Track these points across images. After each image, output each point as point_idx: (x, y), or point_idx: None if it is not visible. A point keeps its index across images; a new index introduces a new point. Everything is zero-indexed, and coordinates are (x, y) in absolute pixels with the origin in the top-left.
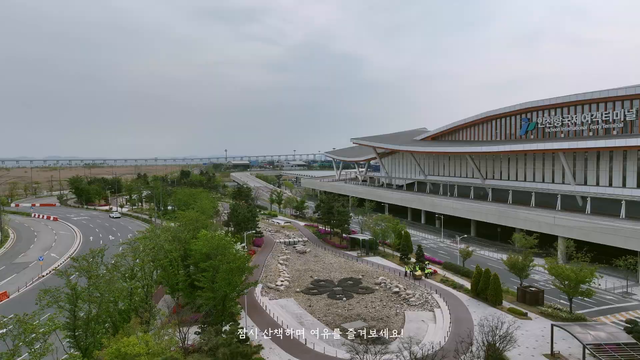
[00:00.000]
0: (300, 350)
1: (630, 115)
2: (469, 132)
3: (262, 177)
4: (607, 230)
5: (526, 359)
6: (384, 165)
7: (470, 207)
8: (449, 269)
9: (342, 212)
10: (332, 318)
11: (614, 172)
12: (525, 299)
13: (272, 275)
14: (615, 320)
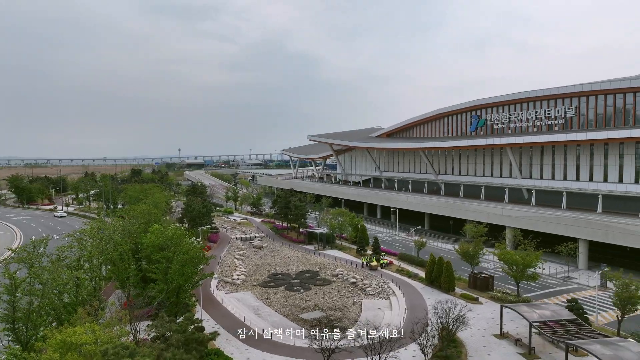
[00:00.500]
0: (258, 341)
1: (570, 112)
2: (422, 129)
3: (218, 176)
4: (550, 220)
5: (477, 340)
6: (340, 162)
7: (424, 200)
8: (404, 260)
9: (299, 207)
10: (289, 309)
11: (556, 166)
12: (477, 285)
13: (228, 270)
14: (558, 301)
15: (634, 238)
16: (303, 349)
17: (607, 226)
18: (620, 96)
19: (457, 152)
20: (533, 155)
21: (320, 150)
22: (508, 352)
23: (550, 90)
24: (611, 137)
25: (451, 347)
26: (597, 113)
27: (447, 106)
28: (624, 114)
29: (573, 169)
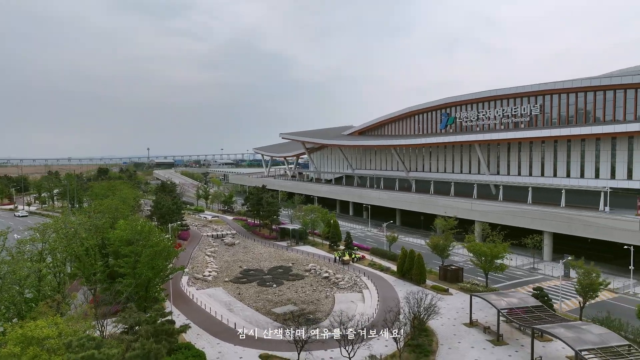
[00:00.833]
0: (230, 335)
1: (536, 110)
2: (394, 127)
3: (188, 175)
4: (516, 213)
5: (448, 328)
6: (313, 160)
7: (396, 197)
8: (376, 254)
9: (271, 203)
10: (262, 304)
11: (522, 162)
12: (447, 277)
13: (199, 267)
14: (525, 291)
15: (594, 229)
16: (277, 341)
17: (570, 219)
18: (582, 95)
19: (427, 149)
20: (500, 152)
21: (293, 148)
22: (477, 339)
23: (517, 89)
24: (573, 133)
25: (423, 336)
26: (561, 111)
27: (418, 104)
28: (585, 112)
29: (538, 165)
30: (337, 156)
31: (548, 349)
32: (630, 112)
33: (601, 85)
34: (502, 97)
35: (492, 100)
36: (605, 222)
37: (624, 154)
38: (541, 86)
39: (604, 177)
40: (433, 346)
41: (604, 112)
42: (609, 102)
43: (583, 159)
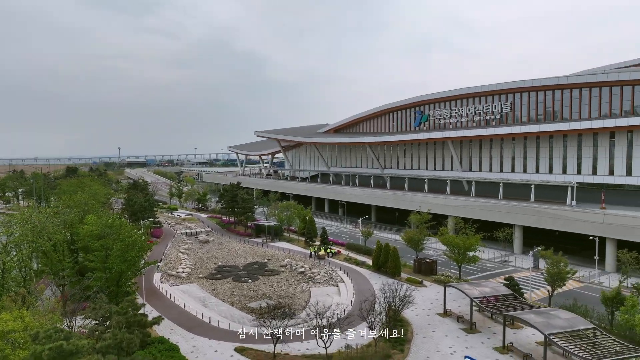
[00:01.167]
0: (205, 329)
1: (506, 107)
2: (369, 124)
3: (161, 174)
4: (488, 208)
5: (422, 318)
6: (288, 158)
7: (371, 193)
8: (351, 249)
9: (246, 200)
10: (237, 299)
11: (494, 159)
12: (421, 270)
13: (172, 264)
14: (496, 282)
15: (562, 222)
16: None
17: (539, 212)
18: (550, 93)
19: (402, 147)
20: (473, 149)
21: (268, 146)
22: (451, 328)
23: (489, 87)
24: (542, 130)
25: (398, 326)
26: (530, 109)
27: (392, 102)
28: (552, 110)
29: (509, 162)
30: (312, 154)
31: (519, 335)
32: (595, 110)
33: (568, 84)
34: (474, 95)
35: (464, 98)
36: (572, 215)
37: (589, 150)
38: (511, 84)
39: (570, 173)
40: (408, 335)
41: (570, 110)
42: (575, 100)
43: (551, 155)
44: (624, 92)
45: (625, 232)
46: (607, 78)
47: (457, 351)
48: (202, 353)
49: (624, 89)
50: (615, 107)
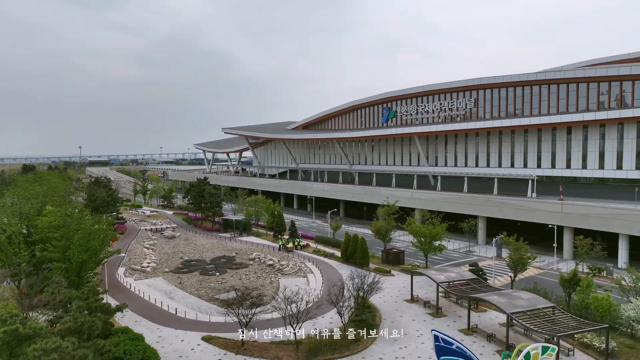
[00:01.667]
0: (171, 320)
1: (470, 104)
2: (337, 121)
3: (125, 172)
4: (453, 200)
5: (390, 305)
6: (256, 155)
7: (339, 188)
8: (320, 242)
9: (213, 194)
10: (204, 292)
11: (459, 153)
12: (389, 260)
13: (137, 258)
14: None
15: (523, 212)
16: (220, 323)
17: (502, 203)
18: (512, 90)
19: (370, 143)
20: (438, 144)
21: (236, 144)
22: (418, 313)
23: (454, 84)
24: (504, 125)
25: (366, 312)
26: (493, 105)
27: (360, 98)
28: (514, 106)
29: (473, 157)
30: (281, 151)
31: (483, 318)
32: (553, 106)
33: (529, 81)
34: (440, 91)
35: (430, 95)
36: (532, 206)
37: (548, 145)
38: (475, 81)
39: (531, 167)
40: (376, 320)
41: (531, 106)
42: (535, 97)
43: (513, 150)
44: (579, 89)
45: (580, 220)
46: (564, 75)
47: (423, 334)
48: (168, 343)
49: (579, 85)
50: (572, 104)
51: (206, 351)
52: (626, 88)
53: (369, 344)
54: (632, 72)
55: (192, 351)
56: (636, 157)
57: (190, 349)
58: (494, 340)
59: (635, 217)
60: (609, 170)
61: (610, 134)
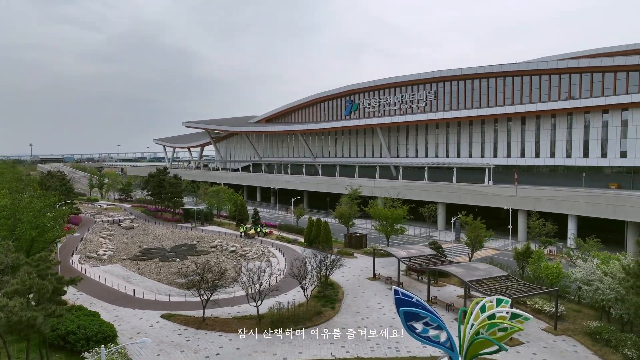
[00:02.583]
0: (129, 301)
1: (431, 96)
2: (300, 114)
3: (81, 168)
4: (414, 187)
5: (353, 282)
6: (219, 149)
7: (303, 179)
8: (284, 230)
9: (174, 184)
10: (164, 276)
11: (419, 145)
12: (352, 244)
13: (93, 247)
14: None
15: (480, 197)
16: (180, 302)
17: (460, 189)
18: (470, 82)
19: (333, 136)
20: (400, 136)
21: (198, 139)
22: (380, 289)
23: (414, 76)
24: (462, 116)
25: (329, 289)
26: (452, 97)
27: (323, 91)
28: (472, 97)
29: (433, 147)
30: (244, 145)
31: (442, 291)
32: (509, 97)
33: (485, 73)
34: (401, 84)
35: (392, 87)
36: (489, 191)
37: (504, 135)
38: (435, 74)
39: (488, 156)
40: (339, 296)
41: (487, 97)
42: (492, 89)
43: (471, 140)
44: (532, 81)
45: (534, 203)
46: (518, 68)
47: (385, 306)
48: (126, 321)
49: (532, 78)
50: (525, 95)
51: (165, 327)
52: (574, 81)
53: (332, 316)
54: (579, 64)
55: (151, 328)
56: (584, 145)
57: (149, 325)
58: (453, 309)
59: (582, 199)
60: (560, 159)
61: (560, 124)
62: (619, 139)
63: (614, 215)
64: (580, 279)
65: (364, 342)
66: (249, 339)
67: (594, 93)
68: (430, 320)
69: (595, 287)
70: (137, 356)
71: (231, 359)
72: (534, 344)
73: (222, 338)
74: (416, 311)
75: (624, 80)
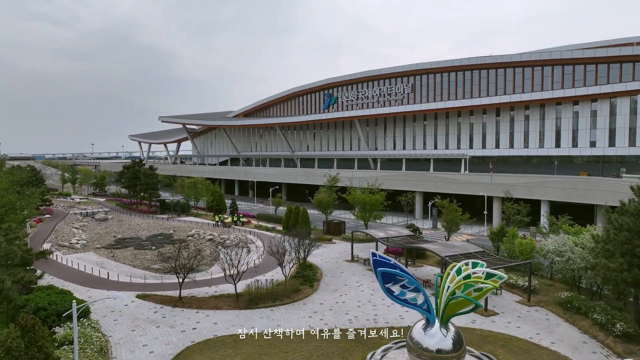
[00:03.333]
0: (102, 283)
1: (408, 89)
2: (278, 108)
3: (53, 165)
4: (392, 177)
5: (331, 264)
6: (196, 145)
7: (281, 171)
8: (262, 219)
9: (149, 175)
10: (140, 262)
11: (397, 137)
12: (330, 230)
13: (65, 236)
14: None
15: (457, 186)
16: (156, 284)
17: (437, 178)
18: (446, 75)
19: (311, 129)
20: (378, 129)
21: (174, 134)
22: (358, 269)
23: (393, 69)
24: (439, 107)
25: (308, 270)
26: (429, 89)
27: (302, 85)
28: (448, 89)
29: (411, 140)
30: (221, 140)
31: (419, 271)
32: (484, 90)
33: (461, 66)
34: (379, 77)
35: (370, 81)
36: (465, 179)
37: (479, 126)
38: (412, 67)
39: (464, 148)
40: (317, 276)
41: (463, 89)
42: (467, 81)
43: (448, 132)
44: (507, 74)
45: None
46: (494, 60)
47: (363, 284)
48: (100, 302)
49: (507, 70)
50: (500, 87)
51: (141, 306)
52: (547, 73)
53: (310, 294)
54: (551, 57)
55: (126, 307)
56: (555, 136)
57: (124, 305)
58: (429, 285)
59: (554, 184)
60: (533, 149)
61: (534, 115)
62: (589, 129)
63: (585, 200)
64: (552, 250)
65: (342, 316)
66: (227, 314)
67: (565, 85)
68: (407, 283)
69: (566, 258)
70: (111, 331)
71: (208, 331)
72: (508, 314)
73: (199, 314)
74: (393, 272)
75: (593, 73)
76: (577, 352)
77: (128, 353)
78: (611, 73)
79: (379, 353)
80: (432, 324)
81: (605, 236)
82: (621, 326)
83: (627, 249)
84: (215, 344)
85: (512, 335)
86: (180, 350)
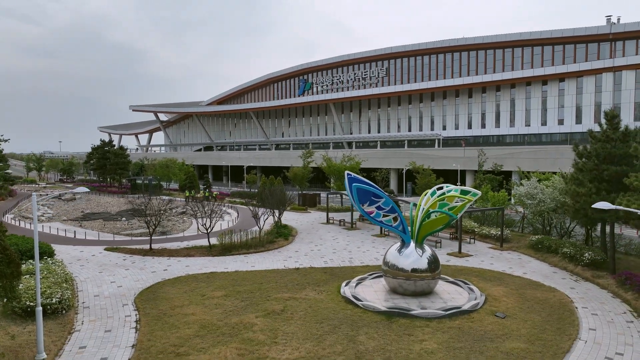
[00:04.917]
0: (69, 240)
1: (382, 72)
2: (253, 95)
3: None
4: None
5: (307, 226)
6: (169, 135)
7: (256, 154)
8: (236, 195)
9: (119, 155)
10: (109, 230)
11: (372, 121)
12: (305, 202)
13: (30, 210)
14: None
15: (431, 161)
16: (125, 240)
17: (411, 154)
18: (420, 58)
19: (286, 116)
20: (353, 113)
21: (145, 125)
22: (333, 229)
23: (367, 53)
24: (413, 89)
25: (283, 229)
26: (403, 73)
27: (276, 71)
28: (422, 72)
29: (385, 123)
30: (195, 129)
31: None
32: (456, 72)
33: (435, 48)
34: (354, 61)
35: (345, 65)
36: (438, 153)
37: (452, 108)
38: (386, 50)
39: (438, 129)
40: (293, 232)
41: (436, 71)
42: (440, 64)
43: (421, 114)
44: (478, 55)
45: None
46: (465, 42)
47: (338, 239)
48: (66, 253)
49: (478, 52)
50: (472, 68)
51: (109, 256)
52: (517, 54)
53: (285, 245)
54: (521, 37)
55: (93, 257)
56: (525, 115)
57: (91, 255)
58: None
59: (525, 155)
60: (504, 128)
61: (504, 95)
62: (557, 108)
63: (554, 167)
64: (524, 193)
65: (317, 259)
66: (200, 259)
67: (534, 65)
68: (383, 204)
69: (537, 200)
70: (78, 273)
71: (180, 272)
72: (481, 255)
73: (171, 260)
74: (368, 188)
75: (561, 53)
76: (548, 279)
77: (95, 287)
78: (577, 53)
79: (354, 281)
80: (408, 245)
81: (575, 168)
82: (589, 255)
83: (595, 174)
84: (187, 279)
85: (486, 269)
86: (150, 285)
